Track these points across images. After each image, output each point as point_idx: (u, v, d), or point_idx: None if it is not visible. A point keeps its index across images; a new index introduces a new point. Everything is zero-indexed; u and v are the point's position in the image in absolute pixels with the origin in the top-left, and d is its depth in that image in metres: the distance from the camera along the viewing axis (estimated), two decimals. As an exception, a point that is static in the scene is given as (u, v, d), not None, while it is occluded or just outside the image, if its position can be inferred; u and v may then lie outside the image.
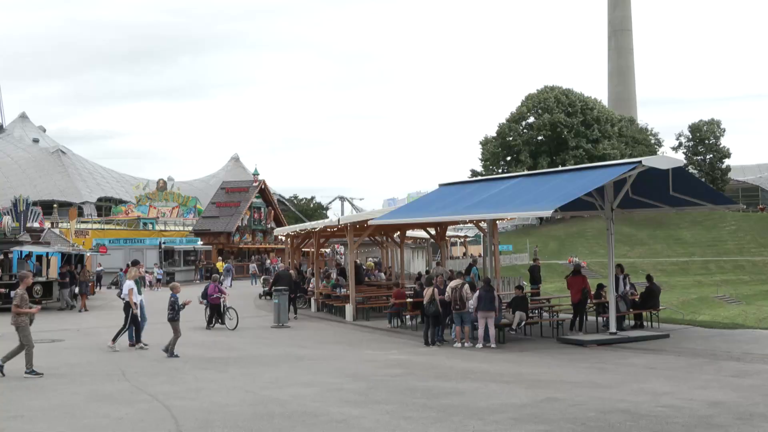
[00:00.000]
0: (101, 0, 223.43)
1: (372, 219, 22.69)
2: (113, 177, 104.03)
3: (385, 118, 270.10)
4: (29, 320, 13.33)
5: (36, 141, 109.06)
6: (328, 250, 46.74)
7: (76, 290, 30.11)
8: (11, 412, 9.93)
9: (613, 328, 17.59)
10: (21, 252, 29.76)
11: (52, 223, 53.77)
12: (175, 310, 16.02)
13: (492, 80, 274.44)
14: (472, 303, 16.97)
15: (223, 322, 21.37)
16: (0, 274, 29.29)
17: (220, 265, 44.44)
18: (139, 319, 17.45)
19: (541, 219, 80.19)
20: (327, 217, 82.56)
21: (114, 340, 16.97)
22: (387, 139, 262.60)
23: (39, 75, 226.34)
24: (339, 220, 26.70)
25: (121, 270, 43.93)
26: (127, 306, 17.25)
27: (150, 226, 70.39)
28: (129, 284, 17.51)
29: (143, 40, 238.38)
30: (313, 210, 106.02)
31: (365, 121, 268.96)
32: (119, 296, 17.95)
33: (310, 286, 30.06)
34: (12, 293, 24.06)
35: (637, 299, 20.17)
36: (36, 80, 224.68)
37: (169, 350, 15.53)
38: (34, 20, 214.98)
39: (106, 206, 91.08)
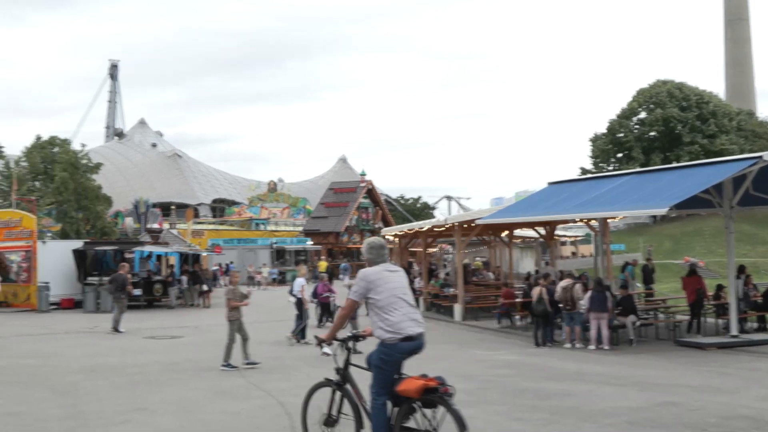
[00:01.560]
0: (214, 9, 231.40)
1: (479, 218, 22.55)
2: (226, 179, 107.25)
3: (492, 116, 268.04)
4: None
5: (154, 145, 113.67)
6: (435, 250, 46.75)
7: (205, 287, 31.29)
8: (137, 404, 10.41)
9: (734, 330, 16.85)
10: (142, 252, 31.08)
11: (170, 224, 55.94)
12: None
13: (602, 75, 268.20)
14: (583, 303, 16.65)
15: (329, 320, 21.70)
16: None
17: (322, 264, 45.09)
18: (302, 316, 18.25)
19: (654, 217, 77.66)
20: (434, 216, 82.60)
21: (294, 333, 17.91)
22: (494, 138, 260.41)
23: (157, 82, 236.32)
24: (446, 220, 26.67)
25: (220, 268, 45.28)
26: (299, 302, 17.98)
27: (262, 227, 72.25)
28: (300, 281, 18.44)
29: (254, 46, 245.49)
30: (420, 210, 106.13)
31: (471, 120, 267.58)
32: (290, 293, 18.78)
33: (418, 285, 30.16)
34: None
35: (759, 300, 19.27)
36: (154, 87, 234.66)
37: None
38: (152, 31, 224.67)
39: (220, 207, 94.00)
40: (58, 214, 45.09)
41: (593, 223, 24.13)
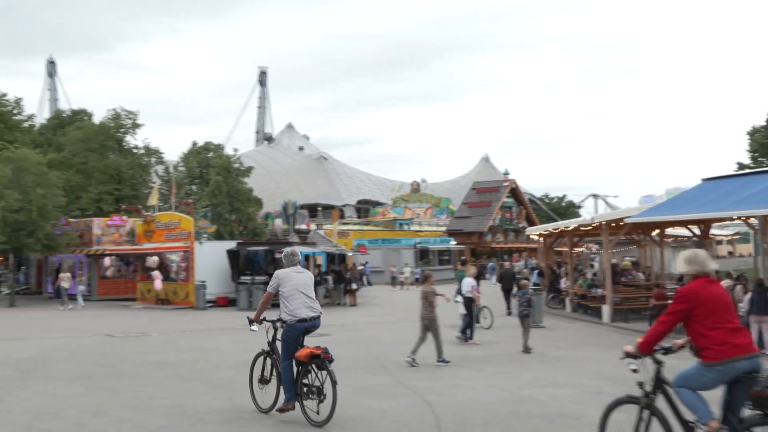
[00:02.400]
0: (357, 14, 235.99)
1: (628, 217, 21.80)
2: (370, 180, 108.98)
3: (640, 111, 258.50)
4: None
5: (301, 149, 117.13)
6: (582, 250, 45.64)
7: (353, 285, 31.98)
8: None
9: None
10: (291, 252, 32.06)
11: (317, 225, 57.44)
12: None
13: (759, 64, 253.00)
14: (743, 306, 15.78)
15: (477, 321, 21.60)
16: (273, 272, 31.90)
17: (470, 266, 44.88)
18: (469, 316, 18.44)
19: (821, 214, 72.30)
20: (579, 215, 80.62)
21: (463, 332, 18.14)
22: (642, 134, 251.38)
23: (303, 87, 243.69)
24: (593, 219, 25.98)
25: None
26: (469, 301, 18.17)
27: (405, 227, 72.93)
28: (470, 281, 18.48)
29: (397, 49, 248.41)
30: (565, 208, 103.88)
31: (618, 115, 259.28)
32: (459, 293, 19.04)
33: (564, 285, 29.56)
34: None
35: None
36: (301, 92, 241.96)
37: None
38: (299, 38, 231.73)
39: (364, 208, 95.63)
40: (213, 216, 47.28)
41: (752, 221, 22.80)
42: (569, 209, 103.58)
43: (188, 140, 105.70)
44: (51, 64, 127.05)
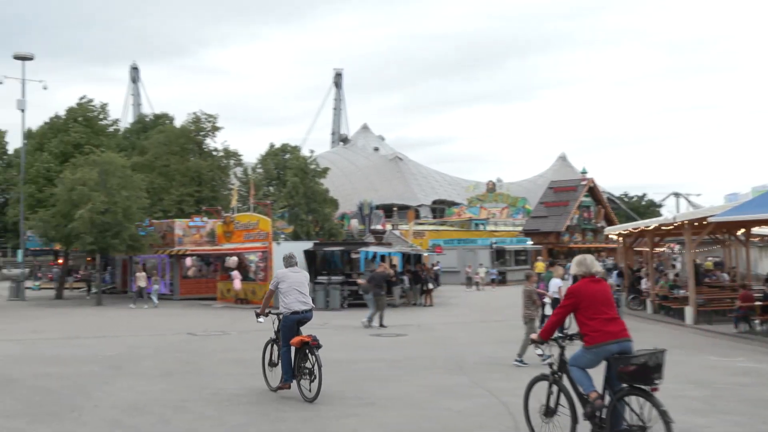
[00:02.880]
0: (432, 14, 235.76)
1: (713, 216, 21.16)
2: (446, 180, 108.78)
3: (724, 107, 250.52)
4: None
5: (376, 149, 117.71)
6: (663, 250, 44.54)
7: (430, 285, 31.99)
8: (364, 399, 10.83)
9: None
10: (367, 252, 32.26)
11: (392, 225, 57.62)
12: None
13: None
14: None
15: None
16: (350, 272, 32.20)
17: (540, 266, 44.29)
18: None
19: None
20: (660, 214, 78.70)
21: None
22: (727, 131, 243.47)
23: (378, 88, 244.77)
24: (675, 218, 25.32)
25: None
26: (556, 302, 18.10)
27: (481, 227, 72.49)
28: (557, 282, 18.34)
29: (473, 48, 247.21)
30: (645, 207, 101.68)
31: (701, 112, 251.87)
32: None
33: (645, 286, 28.91)
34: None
35: None
36: (376, 93, 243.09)
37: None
38: (374, 39, 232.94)
39: (439, 208, 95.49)
40: (291, 216, 47.95)
41: None
42: (649, 208, 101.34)
43: (266, 142, 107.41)
44: (134, 70, 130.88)
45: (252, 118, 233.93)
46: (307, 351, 10.59)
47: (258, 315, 11.55)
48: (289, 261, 11.48)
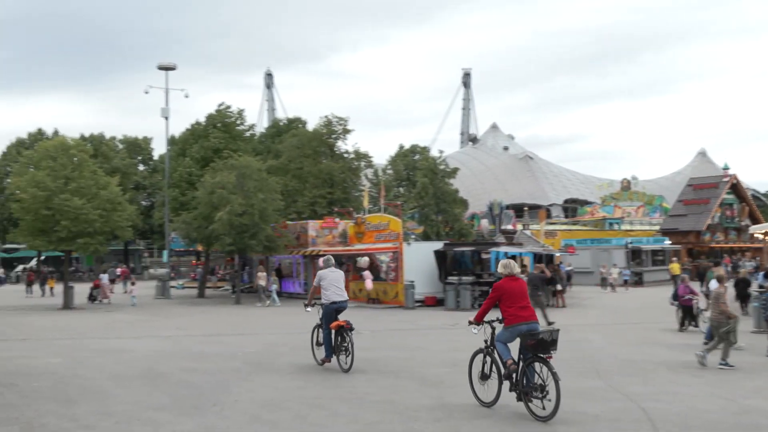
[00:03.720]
0: (564, 9, 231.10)
1: None
2: (577, 179, 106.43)
3: None
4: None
5: (506, 149, 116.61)
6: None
7: (558, 286, 31.44)
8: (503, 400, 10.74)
9: None
10: (498, 253, 31.99)
11: (523, 225, 56.86)
12: None
13: None
14: None
15: (696, 325, 20.47)
16: (480, 272, 32.04)
17: (675, 267, 42.46)
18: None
19: None
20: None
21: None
22: None
23: (508, 87, 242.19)
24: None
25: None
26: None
27: (615, 226, 70.40)
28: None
29: (605, 42, 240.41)
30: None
31: None
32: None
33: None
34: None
35: None
36: (505, 92, 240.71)
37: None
38: (503, 37, 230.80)
39: (571, 207, 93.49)
40: (420, 217, 48.17)
41: None
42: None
43: (395, 144, 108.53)
44: (268, 76, 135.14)
45: (382, 121, 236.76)
46: (344, 333, 13.49)
47: (306, 305, 14.80)
48: (327, 263, 14.30)
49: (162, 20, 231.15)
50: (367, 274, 32.72)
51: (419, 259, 31.53)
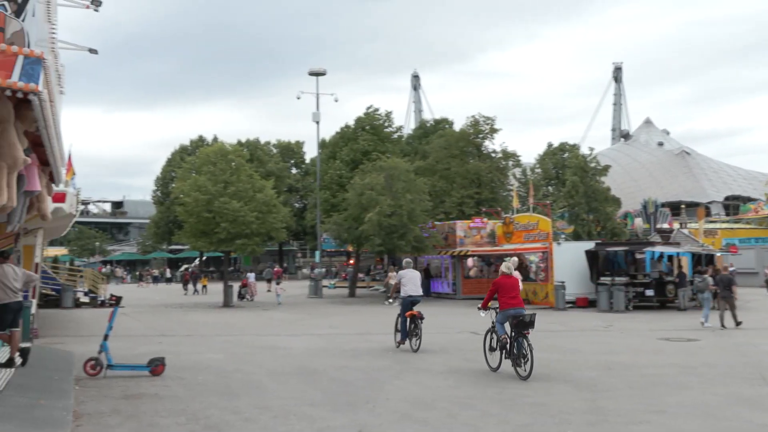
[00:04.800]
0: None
1: None
2: (739, 174, 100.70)
3: None
4: None
5: (660, 144, 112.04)
6: None
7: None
8: (654, 405, 10.38)
9: None
10: (653, 252, 30.85)
11: (680, 224, 54.47)
12: None
13: None
14: None
15: None
16: (635, 273, 31.01)
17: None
18: None
19: None
20: None
21: None
22: None
23: (661, 80, 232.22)
24: None
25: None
26: None
27: (784, 224, 66.08)
28: None
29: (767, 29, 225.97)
30: None
31: None
32: None
33: None
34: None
35: None
36: (659, 86, 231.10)
37: None
38: (656, 29, 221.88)
39: (733, 205, 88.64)
40: (570, 216, 47.13)
41: None
42: None
43: (544, 142, 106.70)
44: (415, 78, 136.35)
45: (530, 119, 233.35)
46: (416, 321, 16.74)
47: (388, 298, 19.04)
48: (407, 264, 18.05)
49: (314, 27, 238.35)
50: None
51: (570, 260, 30.94)
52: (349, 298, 39.95)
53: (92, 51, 16.55)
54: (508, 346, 13.09)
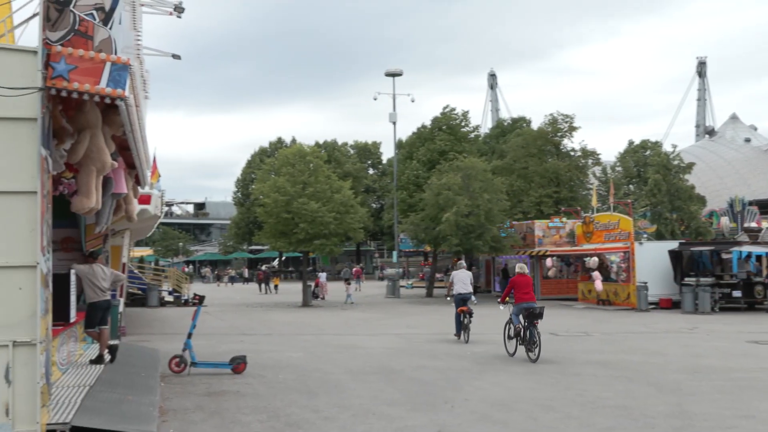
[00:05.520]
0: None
1: None
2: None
3: None
4: None
5: (747, 140, 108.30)
6: None
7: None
8: (743, 410, 10.06)
9: None
10: (740, 252, 29.85)
11: (769, 223, 52.53)
12: None
13: None
14: None
15: None
16: (721, 273, 30.08)
17: None
18: None
19: None
20: None
21: None
22: None
23: (747, 75, 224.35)
24: None
25: None
26: None
27: None
28: None
29: None
30: None
31: None
32: None
33: None
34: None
35: None
36: (745, 80, 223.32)
37: None
38: (743, 22, 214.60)
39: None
40: (653, 215, 46.03)
41: None
42: None
43: (624, 140, 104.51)
44: (492, 77, 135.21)
45: (610, 116, 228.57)
46: (467, 316, 18.71)
47: (447, 296, 22.01)
48: (459, 266, 20.41)
49: (390, 28, 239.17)
50: (596, 274, 31.87)
51: (652, 259, 30.23)
52: (427, 298, 39.92)
53: (175, 56, 16.97)
54: (521, 333, 15.37)
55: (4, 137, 7.73)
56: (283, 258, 78.66)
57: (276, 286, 48.84)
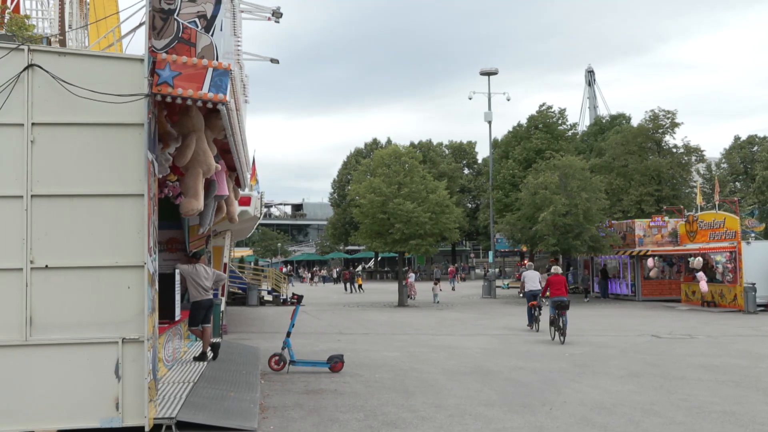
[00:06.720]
0: None
1: None
2: None
3: None
4: None
5: None
6: None
7: None
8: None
9: None
10: None
11: None
12: None
13: None
14: None
15: None
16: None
17: None
18: None
19: None
20: None
21: None
22: None
23: None
24: None
25: None
26: None
27: None
28: None
29: None
30: None
31: None
32: None
33: None
34: None
35: None
36: None
37: None
38: None
39: None
40: (761, 213, 44.27)
41: None
42: None
43: (730, 136, 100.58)
44: (590, 74, 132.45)
45: (715, 111, 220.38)
46: (538, 309, 21.80)
47: (519, 293, 25.45)
48: (529, 267, 24.01)
49: (486, 26, 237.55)
50: (700, 275, 30.83)
51: (761, 260, 29.00)
52: (523, 299, 39.41)
53: (274, 61, 17.36)
54: (554, 321, 18.94)
55: (113, 142, 8.09)
56: (379, 258, 79.22)
57: (360, 286, 49.82)
